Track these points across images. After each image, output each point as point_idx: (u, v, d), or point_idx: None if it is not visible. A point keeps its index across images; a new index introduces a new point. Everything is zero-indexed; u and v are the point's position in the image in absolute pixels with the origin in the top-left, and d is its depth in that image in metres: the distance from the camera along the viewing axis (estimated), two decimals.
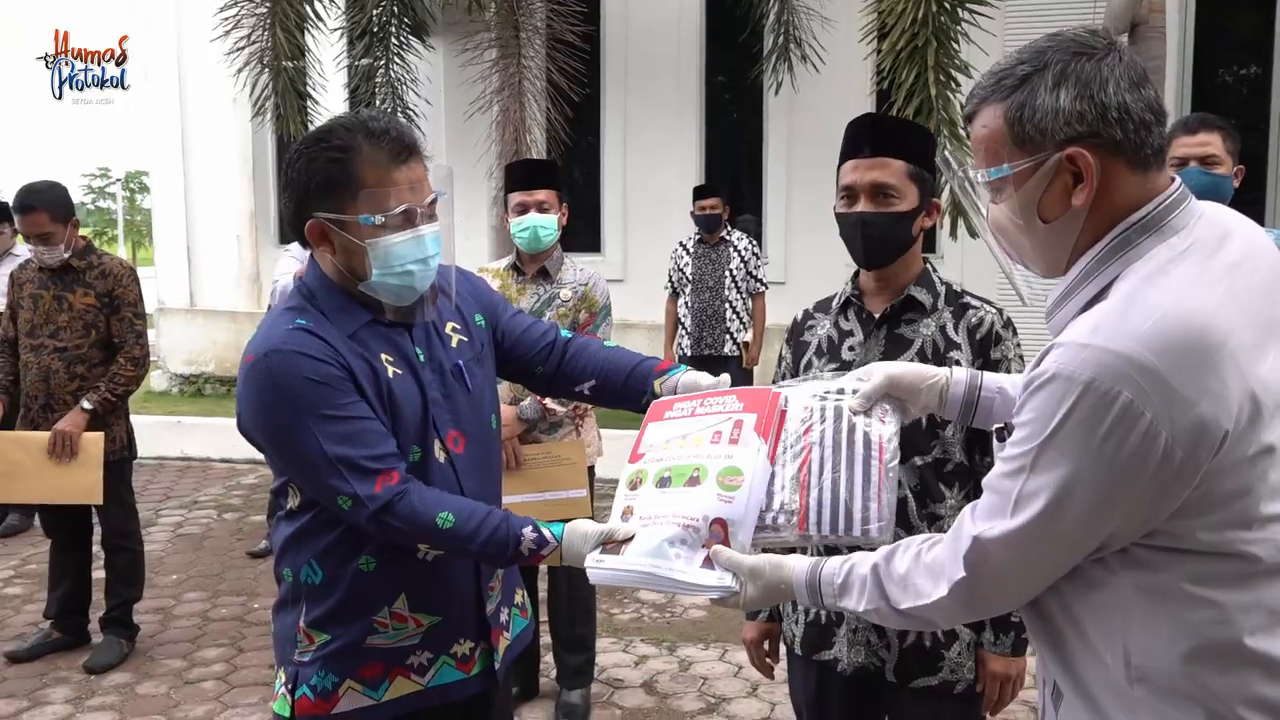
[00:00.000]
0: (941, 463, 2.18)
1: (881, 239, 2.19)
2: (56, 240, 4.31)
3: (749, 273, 6.77)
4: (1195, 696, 1.28)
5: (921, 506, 2.16)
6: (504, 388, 3.73)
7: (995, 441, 1.71)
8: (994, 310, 2.25)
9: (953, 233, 6.52)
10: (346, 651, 1.91)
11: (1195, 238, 1.32)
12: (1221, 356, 1.22)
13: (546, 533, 1.81)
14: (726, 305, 6.72)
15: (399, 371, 1.90)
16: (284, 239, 11.01)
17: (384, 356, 1.89)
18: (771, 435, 1.73)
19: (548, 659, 4.12)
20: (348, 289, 1.90)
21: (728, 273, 6.73)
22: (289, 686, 1.95)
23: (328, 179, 1.83)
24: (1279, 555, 1.27)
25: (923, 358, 2.19)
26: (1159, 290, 1.27)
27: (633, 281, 9.46)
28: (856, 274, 2.33)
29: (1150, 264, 1.30)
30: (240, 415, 1.88)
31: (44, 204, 4.30)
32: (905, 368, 1.81)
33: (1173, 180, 1.37)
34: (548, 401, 3.71)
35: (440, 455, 1.93)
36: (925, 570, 1.43)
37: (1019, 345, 2.25)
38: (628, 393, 1.97)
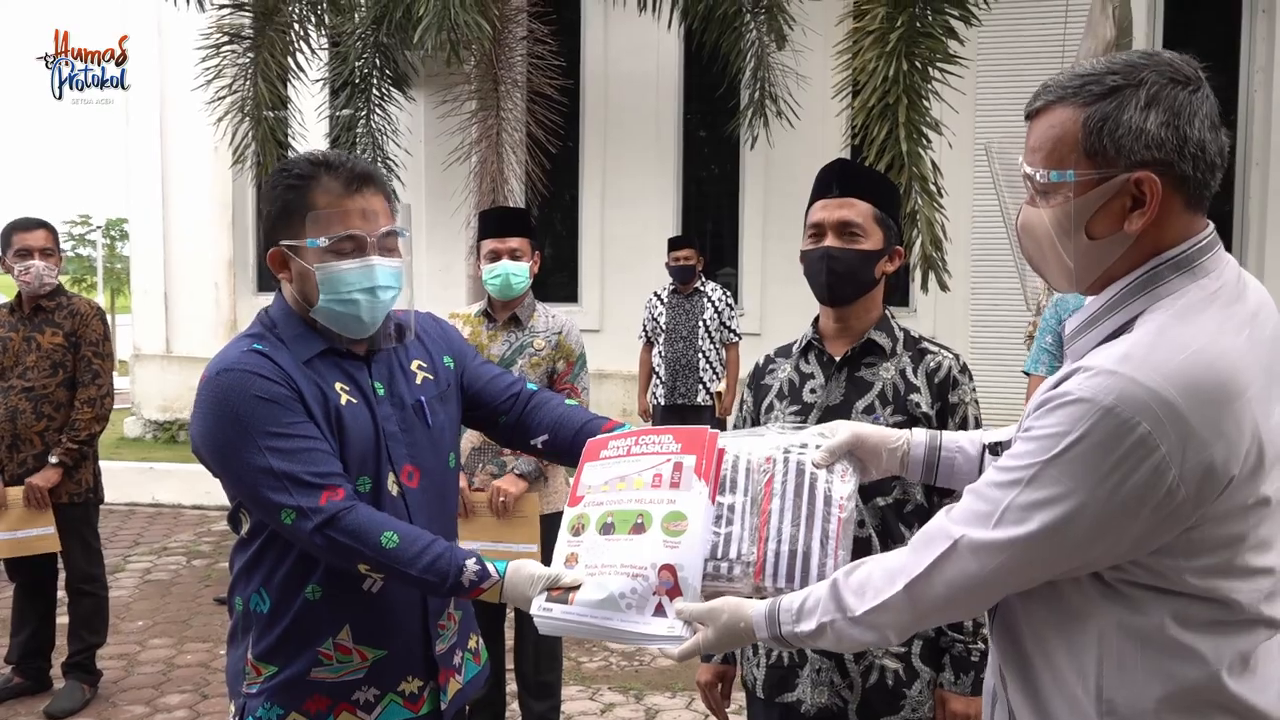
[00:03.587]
0: (902, 503, 2.22)
1: (846, 274, 2.25)
2: (56, 261, 4.54)
3: (722, 323, 6.83)
4: None
5: (883, 546, 2.18)
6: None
7: (989, 456, 1.71)
8: (951, 355, 2.31)
9: (923, 286, 6.60)
10: (292, 683, 1.91)
11: (1223, 282, 1.33)
12: (1241, 404, 1.23)
13: (489, 567, 1.81)
14: (700, 355, 6.77)
15: (353, 400, 1.92)
16: (263, 286, 11.03)
17: (338, 385, 1.91)
18: (712, 476, 1.73)
19: (514, 706, 4.08)
20: (305, 318, 1.94)
21: (701, 323, 6.78)
22: (237, 719, 1.96)
23: (285, 205, 1.88)
24: (1258, 606, 1.29)
25: (883, 400, 2.24)
26: (1190, 329, 1.27)
27: (609, 331, 9.50)
28: (817, 319, 2.38)
29: (1181, 301, 1.30)
30: (193, 435, 1.90)
31: (49, 226, 4.59)
32: (871, 429, 1.79)
33: (1207, 224, 1.36)
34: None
35: (393, 488, 1.95)
36: (884, 571, 1.43)
37: (975, 390, 2.30)
38: (575, 449, 1.98)
